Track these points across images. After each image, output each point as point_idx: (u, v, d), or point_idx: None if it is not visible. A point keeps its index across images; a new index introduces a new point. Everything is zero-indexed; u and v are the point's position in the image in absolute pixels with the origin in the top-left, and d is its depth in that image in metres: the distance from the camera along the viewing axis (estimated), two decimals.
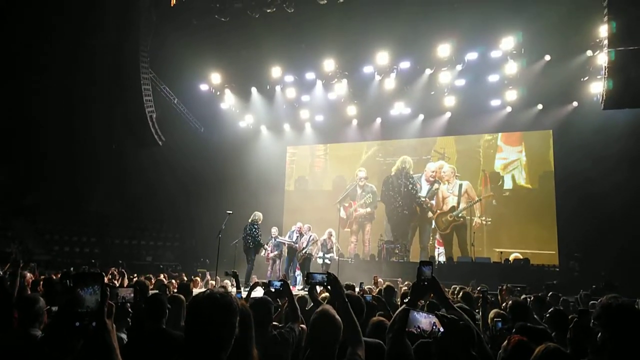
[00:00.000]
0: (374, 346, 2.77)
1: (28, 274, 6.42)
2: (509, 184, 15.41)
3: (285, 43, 14.57)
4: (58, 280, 5.66)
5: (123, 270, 7.59)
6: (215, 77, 16.58)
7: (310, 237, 12.08)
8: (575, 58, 13.21)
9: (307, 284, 4.40)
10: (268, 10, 13.11)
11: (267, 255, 12.39)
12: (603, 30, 11.50)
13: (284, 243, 12.37)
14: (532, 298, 6.23)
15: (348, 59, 15.30)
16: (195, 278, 10.24)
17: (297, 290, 9.86)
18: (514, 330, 3.12)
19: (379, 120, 16.90)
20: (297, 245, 12.07)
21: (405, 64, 14.89)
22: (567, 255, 13.04)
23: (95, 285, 1.50)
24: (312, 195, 17.57)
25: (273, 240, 12.36)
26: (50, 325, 2.93)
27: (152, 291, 5.48)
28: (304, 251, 11.83)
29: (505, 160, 15.57)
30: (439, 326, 2.03)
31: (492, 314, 4.04)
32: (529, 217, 14.63)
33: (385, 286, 6.18)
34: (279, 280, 4.18)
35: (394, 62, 14.86)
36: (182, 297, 4.09)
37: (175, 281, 8.13)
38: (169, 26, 14.56)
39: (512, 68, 13.89)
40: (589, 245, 12.35)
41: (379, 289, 6.69)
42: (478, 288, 7.28)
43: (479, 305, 4.86)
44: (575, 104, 14.07)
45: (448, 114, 15.73)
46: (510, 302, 4.26)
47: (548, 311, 4.16)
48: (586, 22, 12.38)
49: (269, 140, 18.42)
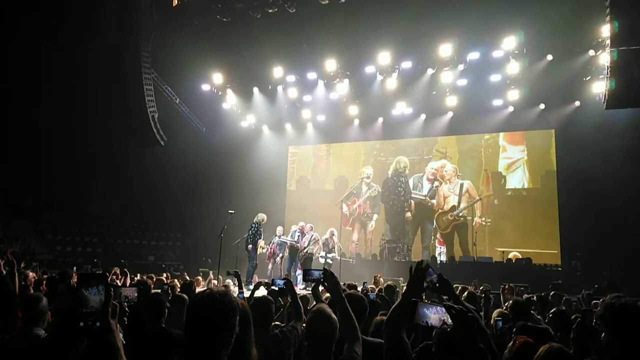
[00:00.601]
0: (377, 346, 2.76)
1: (31, 274, 6.43)
2: (512, 183, 15.41)
3: (286, 43, 14.57)
4: (58, 280, 5.65)
5: (126, 270, 7.58)
6: (217, 77, 16.59)
7: (312, 236, 12.09)
8: (577, 58, 13.20)
9: (305, 281, 4.40)
10: (270, 11, 13.11)
11: (268, 253, 12.40)
12: (605, 30, 11.50)
13: (286, 243, 12.38)
14: (535, 298, 6.22)
15: (350, 58, 15.30)
16: (197, 278, 10.25)
17: (299, 289, 9.87)
18: (515, 329, 3.12)
19: (381, 120, 16.89)
20: (298, 245, 12.08)
21: (407, 64, 14.88)
22: (570, 255, 13.03)
23: (99, 285, 1.50)
24: (314, 195, 17.57)
25: (277, 239, 12.37)
26: (54, 325, 2.94)
27: (153, 291, 5.49)
28: (305, 250, 11.84)
29: (510, 159, 15.56)
30: (448, 320, 2.02)
31: (495, 313, 4.04)
32: (531, 217, 14.62)
33: (385, 285, 6.16)
34: (283, 279, 4.18)
35: (396, 61, 14.85)
36: (185, 296, 4.10)
37: (178, 281, 8.12)
38: (171, 26, 14.56)
39: (514, 68, 13.86)
40: (591, 245, 12.33)
41: (379, 288, 6.67)
42: (481, 288, 7.28)
43: (482, 304, 4.86)
44: (577, 103, 14.04)
45: (450, 114, 15.72)
46: (510, 302, 4.26)
47: (550, 311, 4.16)
48: (588, 21, 12.36)
49: (270, 140, 18.43)
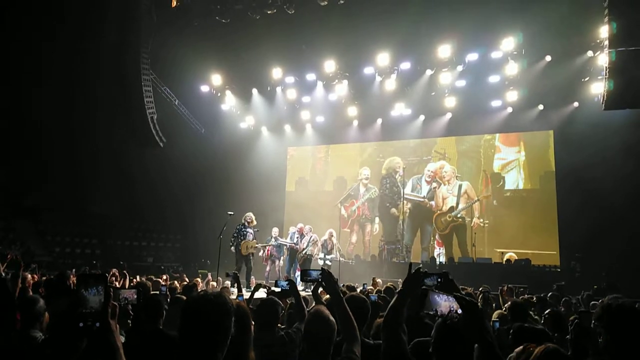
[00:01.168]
0: (377, 347, 2.76)
1: (29, 276, 6.43)
2: (510, 184, 15.42)
3: (285, 44, 14.58)
4: (56, 282, 5.65)
5: (125, 271, 7.59)
6: (216, 79, 16.60)
7: (311, 237, 12.10)
8: (576, 58, 13.23)
9: (303, 281, 4.41)
10: (269, 12, 13.13)
11: (266, 254, 12.40)
12: (604, 31, 11.52)
13: (285, 245, 12.38)
14: (535, 299, 6.23)
15: (349, 60, 15.32)
16: (196, 279, 10.25)
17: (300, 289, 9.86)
18: (512, 330, 3.12)
19: (380, 121, 16.90)
20: (298, 246, 12.09)
21: (405, 65, 14.90)
22: (568, 256, 13.04)
23: (98, 286, 1.51)
24: (313, 196, 17.56)
25: (273, 240, 12.36)
26: (52, 326, 2.94)
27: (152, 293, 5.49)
28: (304, 252, 11.85)
29: (504, 160, 15.58)
30: (457, 308, 2.03)
31: (494, 315, 4.05)
32: (530, 218, 14.62)
33: (385, 287, 6.16)
34: (286, 281, 4.18)
35: (395, 63, 14.88)
36: (185, 298, 4.10)
37: (177, 282, 8.13)
38: (170, 28, 14.57)
39: (512, 69, 13.89)
40: (590, 246, 12.34)
41: (377, 290, 6.67)
42: (480, 289, 7.29)
43: (480, 306, 4.88)
44: (576, 104, 14.06)
45: (449, 115, 15.74)
46: (509, 303, 4.27)
47: (545, 312, 4.17)
48: (587, 22, 12.39)
49: (269, 141, 18.43)
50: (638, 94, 10.83)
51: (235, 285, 6.92)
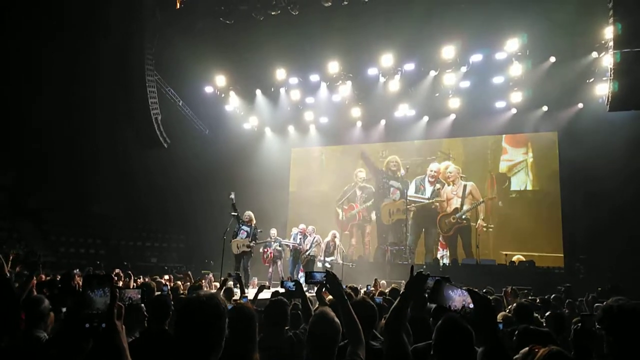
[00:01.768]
0: (381, 350, 2.76)
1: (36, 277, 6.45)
2: (516, 185, 15.34)
3: (289, 45, 14.59)
4: (60, 282, 5.66)
5: (130, 272, 7.62)
6: (220, 80, 16.63)
7: (314, 238, 12.09)
8: (580, 60, 13.18)
9: (307, 283, 4.40)
10: (272, 13, 13.14)
11: (269, 257, 12.39)
12: (608, 32, 11.48)
13: (288, 245, 12.37)
14: (538, 300, 6.22)
15: (352, 61, 15.31)
16: (201, 280, 10.26)
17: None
18: (517, 332, 3.12)
19: (384, 122, 16.88)
20: (301, 247, 12.08)
21: (409, 66, 14.88)
22: (573, 257, 12.99)
23: (105, 287, 1.52)
24: (317, 197, 17.54)
25: (273, 242, 12.34)
26: (58, 327, 2.95)
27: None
28: (308, 253, 11.84)
29: (511, 162, 15.50)
30: (470, 304, 2.03)
31: (499, 317, 4.04)
32: (535, 219, 14.55)
33: (390, 289, 6.14)
34: (292, 282, 4.19)
35: (399, 64, 14.86)
36: None
37: (181, 282, 8.15)
38: (174, 29, 14.62)
39: (517, 70, 13.86)
40: (594, 247, 12.30)
41: (379, 291, 6.66)
42: (484, 290, 7.28)
43: None
44: (580, 105, 14.02)
45: (453, 116, 15.72)
46: (515, 305, 4.26)
47: (546, 314, 4.16)
48: (591, 23, 12.36)
49: (273, 142, 18.45)
50: None
51: (238, 286, 6.95)
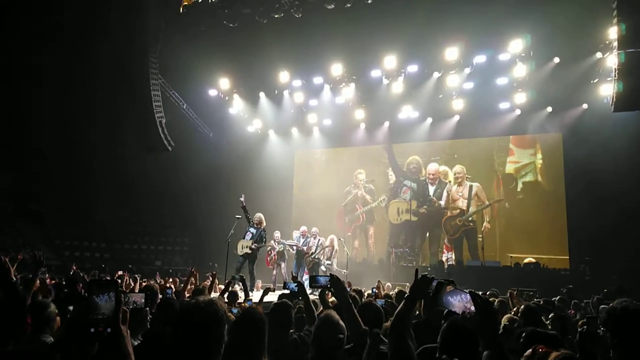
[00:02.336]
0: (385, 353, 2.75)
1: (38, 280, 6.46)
2: (522, 187, 15.23)
3: (293, 48, 14.60)
4: (66, 286, 5.67)
5: (136, 276, 7.64)
6: (224, 83, 16.67)
7: (319, 241, 12.09)
8: (584, 60, 13.13)
9: (311, 288, 4.40)
10: (276, 16, 13.17)
11: (272, 258, 12.39)
12: (612, 32, 11.45)
13: (292, 247, 12.35)
14: (542, 302, 6.19)
15: (356, 63, 15.31)
16: (204, 283, 10.27)
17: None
18: (525, 335, 3.11)
19: (387, 123, 16.88)
20: (304, 248, 12.06)
21: (413, 68, 14.87)
22: (578, 259, 12.93)
23: (110, 291, 1.53)
24: (321, 199, 17.49)
25: (277, 245, 12.33)
26: (63, 331, 2.96)
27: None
28: (313, 256, 11.82)
29: (518, 163, 15.38)
30: (471, 308, 2.01)
31: (504, 319, 4.02)
32: (541, 221, 14.49)
33: (397, 291, 6.08)
34: (295, 283, 4.19)
35: (402, 65, 14.85)
36: None
37: (173, 280, 8.14)
38: (178, 32, 14.67)
39: (520, 71, 13.81)
40: (600, 249, 12.24)
41: (385, 294, 6.64)
42: (488, 292, 7.25)
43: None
44: (585, 106, 13.97)
45: (457, 117, 15.69)
46: (522, 307, 4.23)
47: (550, 316, 4.14)
48: (595, 24, 12.30)
49: (277, 145, 18.47)
50: None
51: (243, 288, 6.95)
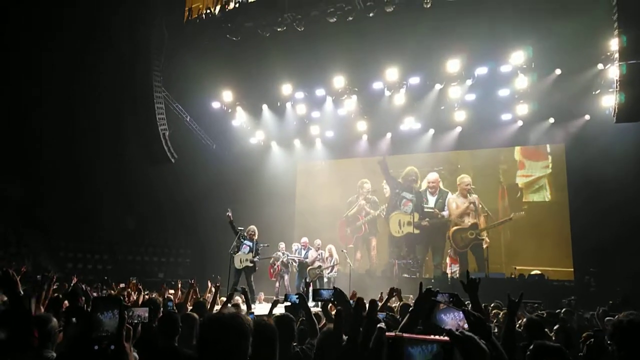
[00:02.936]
0: None
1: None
2: (528, 198, 15.13)
3: (295, 61, 14.71)
4: (67, 299, 5.60)
5: (140, 287, 7.63)
6: (227, 95, 16.77)
7: (321, 253, 12.08)
8: (586, 71, 13.17)
9: (314, 301, 4.37)
10: (278, 29, 13.27)
11: (276, 271, 12.36)
12: (614, 44, 11.49)
13: (294, 260, 12.32)
14: (545, 315, 6.15)
15: (358, 75, 15.40)
16: (206, 295, 10.22)
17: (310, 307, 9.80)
18: (532, 347, 3.08)
19: (389, 135, 16.92)
20: (306, 260, 12.03)
21: (414, 80, 14.93)
22: (583, 271, 12.84)
23: (114, 309, 1.53)
24: (323, 210, 17.46)
25: (282, 256, 12.31)
26: (66, 347, 2.95)
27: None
28: (320, 270, 11.78)
29: (529, 177, 15.17)
30: (464, 326, 1.98)
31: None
32: (545, 232, 14.39)
33: (401, 304, 6.01)
34: (296, 295, 4.17)
35: (404, 77, 14.91)
36: (196, 315, 4.11)
37: (175, 291, 8.11)
38: (182, 46, 14.80)
39: (522, 82, 13.86)
40: (605, 260, 12.17)
41: (388, 306, 6.55)
42: (492, 305, 7.21)
43: (495, 322, 4.82)
44: (587, 117, 13.98)
45: (459, 129, 15.72)
46: (525, 320, 4.21)
47: (553, 328, 4.12)
48: (597, 35, 12.35)
49: (279, 156, 18.52)
50: None
51: (244, 301, 6.91)
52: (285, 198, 17.89)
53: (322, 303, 3.87)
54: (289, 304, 4.57)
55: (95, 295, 8.14)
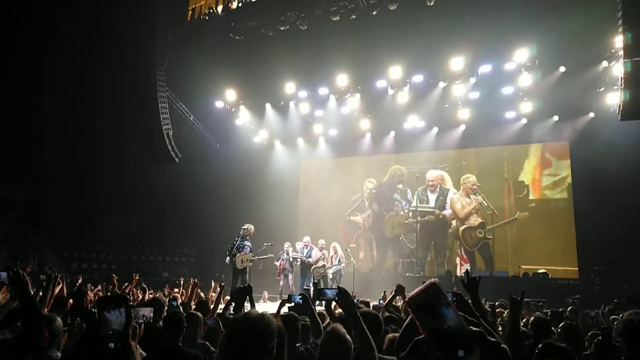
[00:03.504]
0: None
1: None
2: (534, 195, 15.03)
3: (298, 59, 14.69)
4: (70, 298, 5.62)
5: (144, 286, 7.65)
6: (230, 94, 16.79)
7: (325, 253, 12.09)
8: (590, 69, 13.09)
9: (318, 300, 4.37)
10: (282, 28, 13.27)
11: (279, 269, 12.38)
12: (618, 41, 11.42)
13: (297, 259, 12.33)
14: (550, 313, 6.12)
15: (361, 73, 15.37)
16: (210, 294, 10.25)
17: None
18: (540, 346, 3.08)
19: (393, 133, 16.90)
20: (309, 260, 12.04)
21: (418, 78, 14.90)
22: (587, 269, 12.79)
23: (121, 307, 1.54)
24: (327, 209, 17.49)
25: (286, 256, 12.32)
26: (73, 347, 2.96)
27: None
28: (324, 270, 11.79)
29: (556, 176, 14.86)
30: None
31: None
32: (550, 230, 14.35)
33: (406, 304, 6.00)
34: (300, 295, 4.17)
35: (407, 75, 14.88)
36: (200, 315, 4.11)
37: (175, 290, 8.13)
38: (185, 45, 14.83)
39: (526, 80, 13.79)
40: (610, 258, 12.11)
41: (393, 306, 6.56)
42: (496, 303, 7.19)
43: (499, 321, 4.81)
44: (591, 115, 13.91)
45: (462, 127, 15.68)
46: (532, 319, 4.19)
47: (559, 325, 4.09)
48: (601, 32, 12.28)
49: (283, 155, 18.53)
50: None
51: (249, 299, 6.92)
52: (288, 197, 17.89)
53: (325, 304, 3.87)
54: (292, 304, 4.57)
55: (101, 294, 8.19)
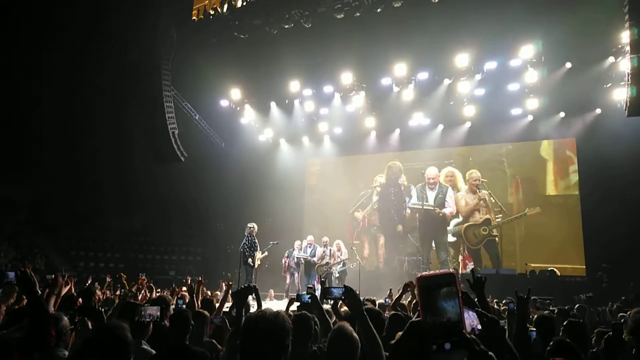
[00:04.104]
0: None
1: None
2: (543, 191, 14.86)
3: (303, 57, 14.69)
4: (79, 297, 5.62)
5: (151, 284, 7.68)
6: (235, 93, 16.82)
7: (330, 250, 12.08)
8: (597, 65, 13.00)
9: (324, 299, 4.37)
10: (286, 26, 13.28)
11: (284, 267, 12.39)
12: (625, 37, 11.34)
13: (301, 259, 12.32)
14: (557, 311, 6.09)
15: (366, 71, 15.36)
16: (215, 293, 10.28)
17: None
18: (552, 344, 3.07)
19: (398, 131, 16.84)
20: (313, 259, 12.04)
21: (423, 75, 14.86)
22: (595, 266, 12.72)
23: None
24: (332, 207, 17.46)
25: (295, 253, 12.34)
26: (80, 346, 2.97)
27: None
28: (328, 267, 11.78)
29: (563, 173, 14.68)
30: (477, 326, 1.96)
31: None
32: (558, 227, 14.21)
33: (415, 302, 5.97)
34: (308, 294, 4.16)
35: (412, 73, 14.85)
36: (206, 313, 4.12)
37: (182, 289, 8.15)
38: (190, 44, 14.85)
39: (532, 76, 13.72)
40: (617, 256, 12.03)
41: (401, 304, 6.54)
42: (503, 301, 7.16)
43: (506, 317, 4.80)
44: (598, 111, 13.81)
45: (468, 124, 15.61)
46: (535, 317, 4.17)
47: (564, 323, 4.07)
48: (607, 28, 12.20)
49: (288, 154, 18.54)
50: None
51: (255, 298, 6.92)
52: (294, 195, 17.89)
53: (332, 302, 3.85)
54: (299, 303, 4.57)
55: (109, 293, 8.22)
